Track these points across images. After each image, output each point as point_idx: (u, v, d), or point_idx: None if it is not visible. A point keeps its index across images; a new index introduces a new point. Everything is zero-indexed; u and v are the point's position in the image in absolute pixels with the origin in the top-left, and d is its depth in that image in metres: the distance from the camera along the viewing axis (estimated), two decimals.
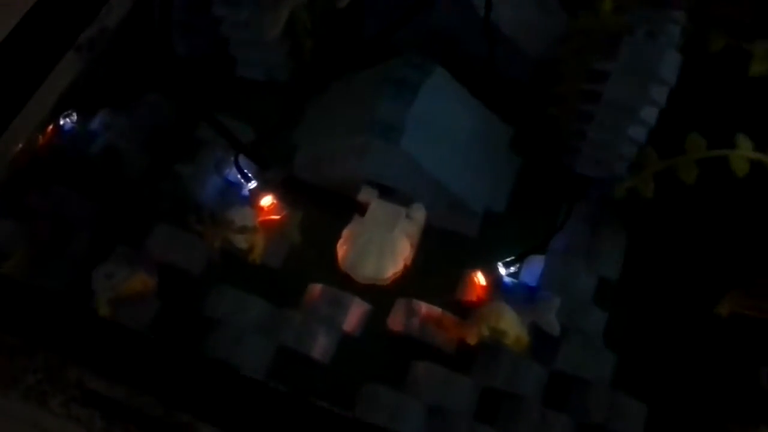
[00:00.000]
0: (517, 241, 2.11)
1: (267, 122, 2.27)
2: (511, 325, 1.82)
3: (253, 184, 2.13)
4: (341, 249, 1.99)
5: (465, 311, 2.00)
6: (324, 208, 2.11)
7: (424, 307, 1.96)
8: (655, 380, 1.93)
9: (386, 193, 2.07)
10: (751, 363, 1.88)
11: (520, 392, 1.86)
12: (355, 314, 1.99)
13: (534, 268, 2.07)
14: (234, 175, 2.14)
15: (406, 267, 2.04)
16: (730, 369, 1.90)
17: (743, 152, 1.88)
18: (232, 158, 2.14)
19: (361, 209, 2.04)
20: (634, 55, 1.81)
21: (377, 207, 2.03)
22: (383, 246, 1.96)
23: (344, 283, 2.00)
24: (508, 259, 2.03)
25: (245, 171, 2.13)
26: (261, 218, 2.05)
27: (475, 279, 2.03)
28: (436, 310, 1.96)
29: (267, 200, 2.10)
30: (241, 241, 1.96)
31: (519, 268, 2.05)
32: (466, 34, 2.23)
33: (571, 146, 2.12)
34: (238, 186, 2.15)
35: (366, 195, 2.06)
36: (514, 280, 2.05)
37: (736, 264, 1.96)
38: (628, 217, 2.10)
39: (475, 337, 1.85)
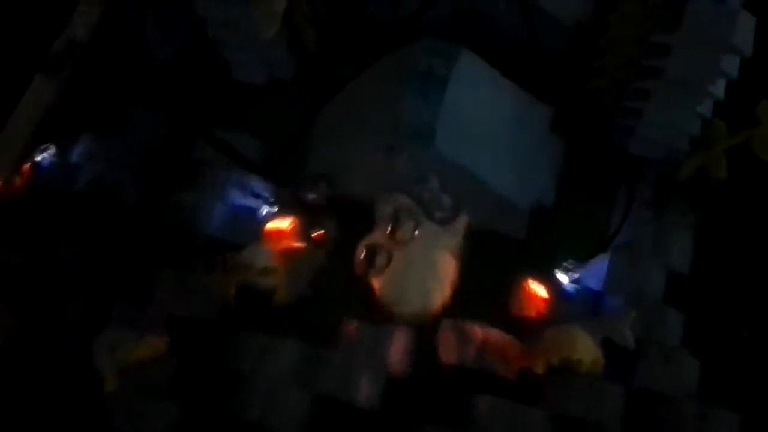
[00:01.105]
0: (573, 238, 1.87)
1: (275, 132, 1.97)
2: (587, 352, 1.59)
3: (267, 208, 1.87)
4: (376, 279, 1.73)
5: (520, 327, 1.77)
6: (352, 226, 1.85)
7: (479, 332, 1.73)
8: (742, 383, 1.72)
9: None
10: None
11: (598, 419, 1.64)
12: (398, 346, 1.75)
13: (596, 268, 1.83)
14: (240, 198, 1.88)
15: (452, 285, 1.80)
16: None
17: None
18: (239, 180, 1.87)
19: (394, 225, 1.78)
20: (701, 23, 1.52)
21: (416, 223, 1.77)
22: (427, 272, 1.71)
23: (382, 313, 1.76)
24: (567, 264, 1.79)
25: (255, 193, 1.87)
26: (281, 248, 1.80)
27: (532, 290, 1.80)
28: (494, 334, 1.73)
29: (286, 224, 1.85)
30: (264, 283, 1.71)
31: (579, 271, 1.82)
32: (491, 5, 1.93)
33: (622, 124, 1.86)
34: (250, 211, 1.88)
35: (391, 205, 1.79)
36: (576, 286, 1.81)
37: None
38: (696, 200, 1.85)
39: (543, 367, 1.62)
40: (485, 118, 1.81)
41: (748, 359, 1.73)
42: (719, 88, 1.64)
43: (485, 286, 1.83)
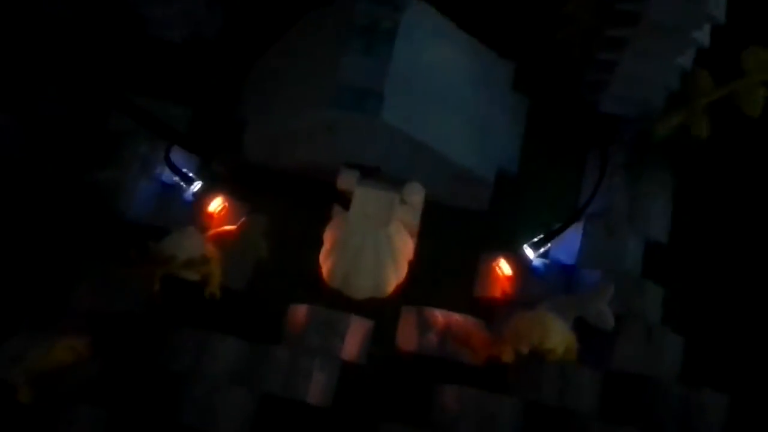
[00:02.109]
0: (540, 209, 1.70)
1: (202, 97, 1.74)
2: (560, 339, 1.43)
3: (197, 185, 1.64)
4: (325, 261, 1.54)
5: (486, 309, 1.60)
6: (293, 202, 1.64)
7: (440, 317, 1.56)
8: (729, 360, 1.59)
9: (370, 173, 1.61)
10: None
11: (572, 405, 1.49)
12: (354, 336, 1.57)
13: (567, 240, 1.65)
14: (166, 175, 1.64)
15: (409, 265, 1.61)
16: None
17: None
18: (162, 154, 1.63)
19: (343, 200, 1.58)
20: None
21: (363, 195, 1.56)
22: (379, 249, 1.52)
23: (333, 298, 1.57)
24: (536, 239, 1.61)
25: (182, 169, 1.63)
26: (213, 232, 1.58)
27: (497, 268, 1.62)
28: (457, 318, 1.55)
29: (217, 204, 1.62)
30: (190, 274, 1.49)
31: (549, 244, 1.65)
32: None
33: (593, 79, 1.66)
34: (177, 189, 1.65)
35: (345, 180, 1.59)
36: (545, 261, 1.64)
37: None
38: (675, 162, 1.68)
39: (512, 356, 1.45)
40: (439, 78, 1.60)
41: (733, 334, 1.60)
42: (704, 34, 1.46)
43: (446, 266, 1.67)
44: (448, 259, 1.67)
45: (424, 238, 1.65)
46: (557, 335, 1.42)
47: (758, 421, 1.52)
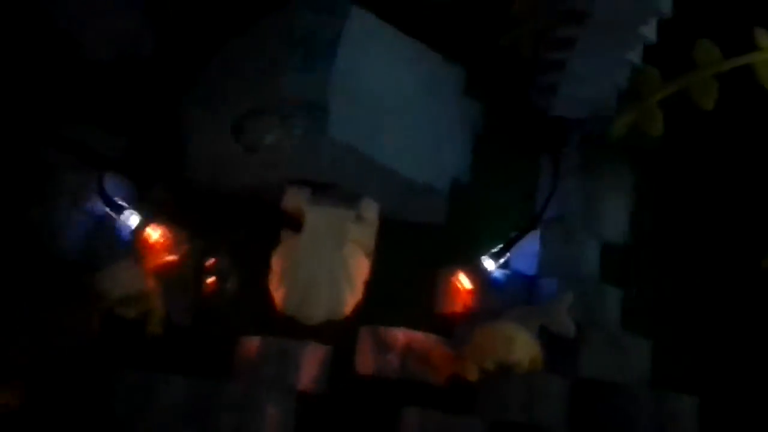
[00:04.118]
0: (497, 218, 1.65)
1: (138, 120, 1.64)
2: (525, 350, 1.37)
3: (134, 216, 1.54)
4: (277, 288, 1.46)
5: (447, 325, 1.54)
6: (240, 229, 1.55)
7: (400, 336, 1.48)
8: (696, 359, 1.56)
9: (321, 190, 1.54)
10: None
11: (540, 420, 1.44)
12: (311, 364, 1.48)
13: (525, 249, 1.61)
14: (100, 206, 1.52)
15: (365, 285, 1.54)
16: None
17: None
18: (97, 184, 1.53)
19: (292, 221, 1.50)
20: None
21: (314, 216, 1.49)
22: (334, 271, 1.44)
23: (284, 326, 1.49)
24: (494, 250, 1.56)
25: (118, 199, 1.53)
26: (152, 264, 1.48)
27: (456, 282, 1.56)
28: (418, 337, 1.49)
29: (158, 234, 1.53)
30: (128, 312, 1.39)
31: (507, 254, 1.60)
32: None
33: (543, 81, 1.62)
34: (113, 221, 1.54)
35: (294, 200, 1.51)
36: (506, 272, 1.59)
37: None
38: (630, 162, 1.64)
39: (477, 373, 1.39)
40: (386, 88, 1.54)
41: (698, 334, 1.57)
42: (651, 30, 1.43)
43: (405, 282, 1.60)
44: (406, 276, 1.60)
45: (381, 255, 1.60)
46: (522, 347, 1.37)
47: (724, 421, 1.49)
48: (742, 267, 1.55)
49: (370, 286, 1.57)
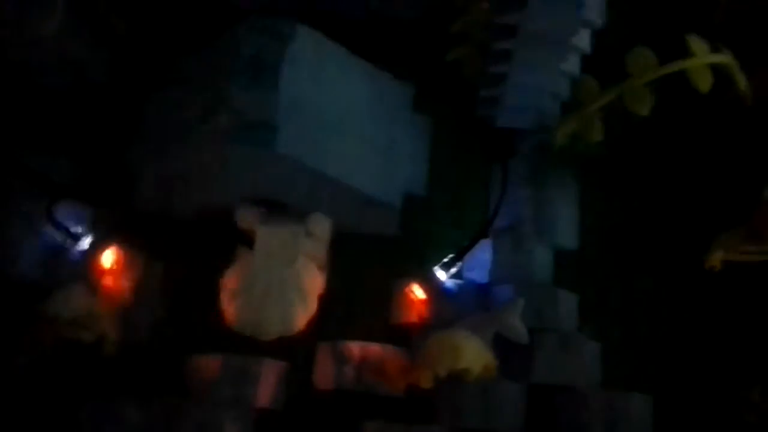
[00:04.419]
0: (451, 228, 1.68)
1: (90, 144, 1.64)
2: (475, 358, 1.39)
3: (87, 239, 1.54)
4: (230, 305, 1.46)
5: (404, 336, 1.56)
6: (191, 248, 1.56)
7: (356, 349, 1.50)
8: (648, 360, 1.59)
9: (273, 208, 1.56)
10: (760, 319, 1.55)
11: (497, 426, 1.45)
12: (268, 381, 1.49)
13: (478, 258, 1.64)
14: (53, 230, 1.52)
15: (320, 299, 1.56)
16: (736, 327, 1.57)
17: (702, 59, 1.48)
18: (49, 208, 1.53)
19: (245, 240, 1.52)
20: None
21: (266, 233, 1.51)
22: (286, 287, 1.46)
23: (240, 343, 1.50)
24: (446, 259, 1.58)
25: (71, 224, 1.53)
26: (106, 287, 1.48)
27: (410, 293, 1.58)
28: (373, 349, 1.50)
29: (110, 257, 1.53)
30: (81, 335, 1.39)
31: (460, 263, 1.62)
32: None
33: (488, 94, 1.66)
34: (66, 245, 1.54)
35: (246, 219, 1.53)
36: (459, 281, 1.61)
37: (722, 200, 1.59)
38: (575, 168, 1.69)
39: (430, 381, 1.41)
40: (335, 105, 1.57)
41: (651, 333, 1.60)
42: (584, 40, 1.48)
43: (361, 295, 1.63)
44: (362, 288, 1.63)
45: (336, 269, 1.62)
46: (470, 354, 1.39)
47: (679, 420, 1.52)
48: (687, 266, 1.59)
49: (327, 299, 1.59)
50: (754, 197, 1.51)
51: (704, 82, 1.47)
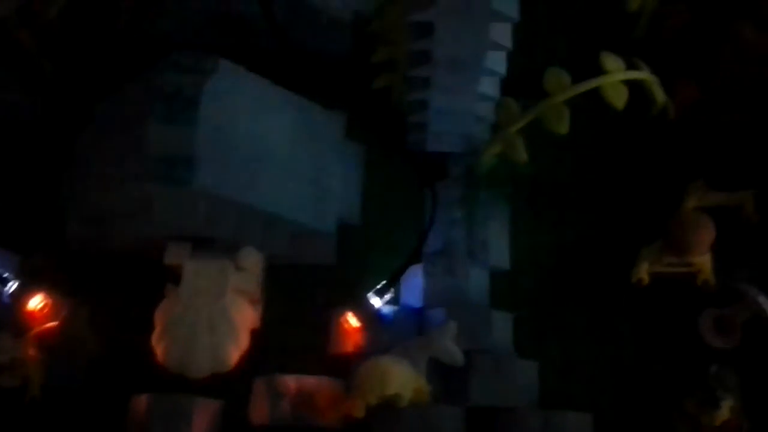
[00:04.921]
0: (387, 255, 1.68)
1: (18, 185, 1.64)
2: (403, 383, 1.38)
3: (12, 284, 1.52)
4: (159, 343, 1.45)
5: (343, 366, 1.55)
6: (123, 286, 1.55)
7: (291, 383, 1.48)
8: (586, 376, 1.59)
9: (201, 244, 1.55)
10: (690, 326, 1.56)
11: None
12: (202, 420, 1.46)
13: (414, 282, 1.64)
14: None
15: (253, 331, 1.55)
16: (669, 340, 1.58)
17: (616, 76, 1.51)
18: None
19: (175, 277, 1.51)
20: None
21: (192, 269, 1.50)
22: (215, 322, 1.44)
23: (175, 381, 1.47)
24: (379, 286, 1.58)
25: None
26: (34, 332, 1.46)
27: (346, 323, 1.57)
28: (309, 382, 1.48)
29: (38, 301, 1.51)
30: (6, 380, 1.36)
31: (396, 289, 1.62)
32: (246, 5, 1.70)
33: (415, 121, 1.69)
34: None
35: (173, 255, 1.52)
36: (394, 307, 1.61)
37: (649, 213, 1.61)
38: (505, 190, 1.70)
39: (362, 410, 1.39)
40: (259, 138, 1.57)
41: (587, 350, 1.60)
42: (498, 63, 1.50)
43: (299, 327, 1.61)
44: (300, 320, 1.62)
45: (272, 301, 1.61)
46: (399, 379, 1.37)
47: None
48: (619, 281, 1.60)
49: (263, 333, 1.58)
50: (675, 208, 1.53)
51: (619, 99, 1.50)
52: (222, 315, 1.47)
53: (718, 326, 1.55)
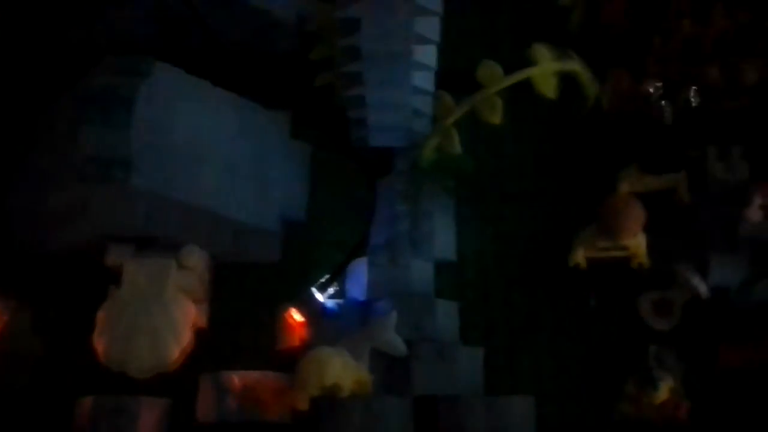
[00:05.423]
0: (333, 250, 1.70)
1: None
2: (341, 373, 1.39)
3: None
4: (99, 342, 1.46)
5: (290, 360, 1.56)
6: (64, 290, 1.56)
7: (236, 379, 1.49)
8: (530, 362, 1.60)
9: (144, 244, 1.56)
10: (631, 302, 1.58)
11: None
12: (149, 420, 1.47)
13: (360, 275, 1.65)
14: None
15: (200, 330, 1.56)
16: (610, 323, 1.60)
17: (547, 66, 1.54)
18: None
19: (115, 276, 1.52)
20: None
21: (133, 269, 1.51)
22: (155, 320, 1.46)
23: (122, 382, 1.48)
24: (322, 280, 1.60)
25: None
26: None
27: (290, 317, 1.59)
28: (255, 377, 1.49)
29: None
30: None
31: (342, 283, 1.64)
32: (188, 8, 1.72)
33: (356, 117, 1.71)
34: None
35: (115, 256, 1.53)
36: (338, 301, 1.62)
37: (584, 201, 1.63)
38: (449, 182, 1.72)
39: (306, 402, 1.40)
40: (199, 138, 1.59)
41: (532, 333, 1.62)
42: (429, 57, 1.53)
43: (247, 324, 1.63)
44: (246, 318, 1.63)
45: (219, 299, 1.63)
46: (336, 369, 1.38)
47: (561, 419, 1.53)
48: (560, 267, 1.62)
49: (210, 331, 1.59)
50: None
51: (549, 89, 1.52)
52: (162, 312, 1.48)
53: (657, 308, 1.58)
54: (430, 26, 1.44)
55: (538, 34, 1.68)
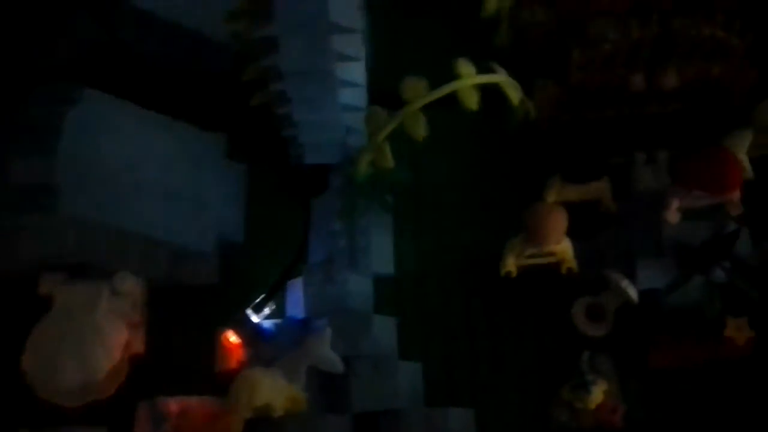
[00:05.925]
0: (272, 268, 1.70)
1: None
2: (272, 393, 1.39)
3: None
4: (25, 362, 1.44)
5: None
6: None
7: (173, 405, 1.47)
8: (468, 373, 1.61)
9: (79, 273, 1.55)
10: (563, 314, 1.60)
11: None
12: None
13: (298, 294, 1.65)
14: None
15: (137, 356, 1.55)
16: (546, 329, 1.62)
17: (468, 80, 1.56)
18: None
19: (48, 305, 1.51)
20: (292, 7, 1.36)
21: (64, 296, 1.50)
22: (83, 336, 1.44)
23: (58, 413, 1.46)
24: (257, 301, 1.60)
25: None
26: None
27: (226, 341, 1.58)
28: (192, 403, 1.47)
29: None
30: None
31: (280, 303, 1.64)
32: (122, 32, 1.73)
33: (288, 135, 1.72)
34: None
35: (47, 285, 1.52)
36: (276, 321, 1.62)
37: (517, 211, 1.65)
38: (386, 197, 1.73)
39: (240, 424, 1.39)
40: (129, 163, 1.58)
41: (469, 345, 1.63)
42: (355, 74, 1.54)
43: (186, 348, 1.61)
44: (186, 341, 1.62)
45: (156, 324, 1.61)
46: (266, 389, 1.38)
47: (500, 428, 1.54)
48: (493, 277, 1.64)
49: (148, 357, 1.58)
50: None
51: (471, 102, 1.55)
52: (91, 332, 1.47)
53: (590, 314, 1.60)
54: (352, 43, 1.46)
55: (469, 48, 1.72)
